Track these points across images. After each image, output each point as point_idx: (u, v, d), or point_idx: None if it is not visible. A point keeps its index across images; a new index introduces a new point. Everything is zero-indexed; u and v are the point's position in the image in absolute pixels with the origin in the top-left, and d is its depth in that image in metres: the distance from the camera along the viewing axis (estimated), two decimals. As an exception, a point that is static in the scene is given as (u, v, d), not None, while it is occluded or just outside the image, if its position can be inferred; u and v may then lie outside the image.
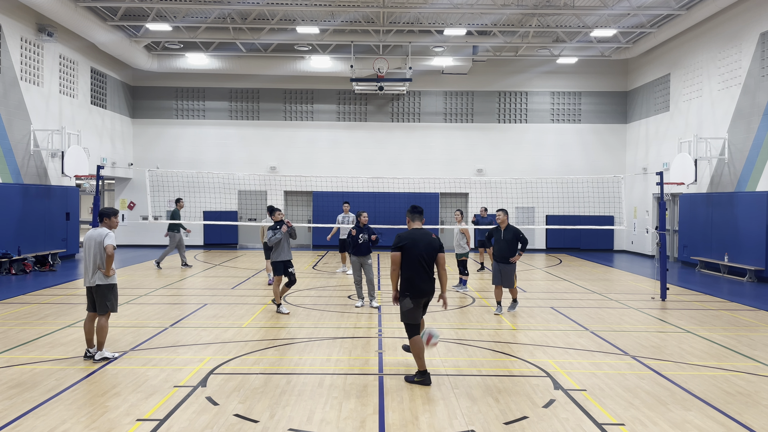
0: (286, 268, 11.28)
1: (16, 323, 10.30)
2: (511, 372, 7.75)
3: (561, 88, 25.99)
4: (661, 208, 13.51)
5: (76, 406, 6.33)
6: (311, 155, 25.89)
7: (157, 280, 15.73)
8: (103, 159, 22.79)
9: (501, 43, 22.34)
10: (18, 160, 17.61)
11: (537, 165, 25.58)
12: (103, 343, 8.07)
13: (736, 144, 17.93)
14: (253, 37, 21.94)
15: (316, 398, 6.63)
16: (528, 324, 10.62)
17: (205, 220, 23.91)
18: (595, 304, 12.82)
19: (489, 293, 13.99)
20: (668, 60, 22.22)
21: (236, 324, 10.36)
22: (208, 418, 5.99)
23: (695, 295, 14.07)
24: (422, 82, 25.66)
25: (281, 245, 11.24)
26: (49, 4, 16.98)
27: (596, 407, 6.42)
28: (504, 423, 5.97)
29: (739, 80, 17.96)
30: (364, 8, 19.34)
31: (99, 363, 7.87)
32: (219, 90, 26.03)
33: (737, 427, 5.95)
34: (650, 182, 22.30)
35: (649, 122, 23.83)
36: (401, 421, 6.00)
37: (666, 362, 8.21)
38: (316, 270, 18.23)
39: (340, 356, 8.38)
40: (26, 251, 17.36)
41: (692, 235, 19.82)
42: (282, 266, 11.26)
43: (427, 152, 25.90)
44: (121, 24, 20.69)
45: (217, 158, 25.79)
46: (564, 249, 25.46)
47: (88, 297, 8.15)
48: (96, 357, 8.01)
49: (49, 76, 19.43)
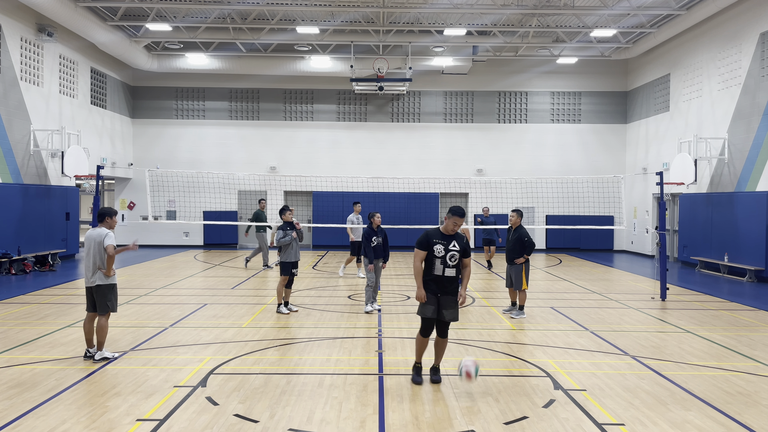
0: (293, 268, 11.32)
1: (16, 323, 10.30)
2: (511, 372, 7.75)
3: (561, 88, 25.99)
4: (661, 208, 13.51)
5: (76, 406, 6.33)
6: (311, 155, 25.89)
7: (157, 280, 15.73)
8: (103, 159, 22.78)
9: (501, 43, 22.35)
10: (18, 160, 17.61)
11: (537, 165, 25.58)
12: (103, 343, 8.06)
13: (736, 144, 17.93)
14: (253, 37, 21.94)
15: (316, 398, 6.63)
16: (528, 324, 10.62)
17: (205, 220, 23.92)
18: (595, 304, 12.82)
19: (489, 293, 13.99)
20: (668, 60, 22.22)
21: (236, 324, 10.36)
22: (208, 418, 5.99)
23: (695, 295, 14.07)
24: (422, 82, 25.66)
25: (290, 246, 11.29)
26: (49, 4, 16.98)
27: (596, 407, 6.42)
28: (504, 423, 5.96)
29: (739, 80, 17.96)
30: (364, 8, 19.34)
31: (99, 363, 7.86)
32: (219, 90, 26.03)
33: (737, 427, 5.95)
34: (650, 182, 22.29)
35: (649, 122, 23.83)
36: (401, 421, 6.00)
37: (666, 362, 8.21)
38: (316, 270, 18.22)
39: (340, 356, 8.38)
40: (26, 251, 17.36)
41: (692, 235, 19.82)
42: (290, 267, 11.28)
43: (427, 152, 25.91)
44: (121, 24, 20.69)
45: (217, 158, 25.78)
46: (564, 249, 25.46)
47: (88, 297, 8.13)
48: (96, 357, 8.00)
49: (49, 76, 19.42)
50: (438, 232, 7.16)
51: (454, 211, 7.11)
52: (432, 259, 7.04)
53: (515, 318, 11.07)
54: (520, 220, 11.33)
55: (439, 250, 7.01)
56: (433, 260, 7.04)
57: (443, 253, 7.02)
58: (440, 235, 7.13)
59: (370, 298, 11.50)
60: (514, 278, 11.13)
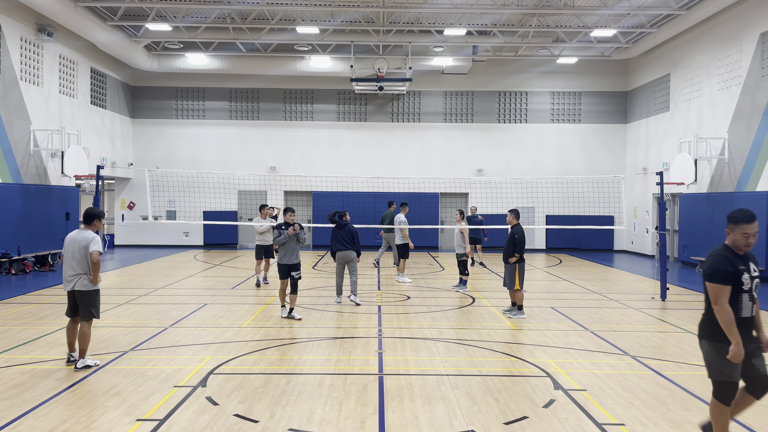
0: (290, 271, 10.74)
1: (16, 323, 10.30)
2: (511, 372, 7.74)
3: (561, 88, 25.99)
4: (661, 208, 13.51)
5: (76, 406, 6.32)
6: (311, 155, 25.89)
7: (157, 280, 15.72)
8: (103, 159, 22.78)
9: (501, 43, 22.34)
10: (18, 160, 17.60)
11: (537, 165, 25.58)
12: (85, 351, 7.66)
13: (736, 144, 17.92)
14: (253, 37, 21.94)
15: (316, 398, 6.63)
16: (528, 324, 10.62)
17: (205, 220, 23.92)
18: (595, 304, 12.82)
19: (489, 293, 13.99)
20: (668, 60, 22.22)
21: (236, 324, 10.36)
22: (208, 418, 5.99)
23: (695, 295, 14.06)
24: (422, 82, 25.66)
25: (287, 247, 10.72)
26: (49, 4, 16.97)
27: (596, 407, 6.41)
28: (504, 423, 5.96)
29: (739, 80, 17.96)
30: (364, 8, 19.34)
31: (82, 372, 7.46)
32: (219, 90, 26.03)
33: (737, 427, 5.94)
34: (650, 182, 22.29)
35: (649, 122, 23.83)
36: (401, 421, 6.00)
37: (666, 362, 8.21)
38: (316, 270, 18.23)
39: (340, 356, 8.38)
40: (26, 251, 17.36)
41: (692, 235, 19.82)
42: (286, 269, 10.71)
43: (427, 152, 25.91)
44: (121, 24, 20.69)
45: (217, 158, 25.78)
46: (564, 249, 25.45)
47: (69, 301, 7.75)
48: (78, 365, 7.57)
49: (49, 76, 19.42)
50: (731, 253, 5.00)
51: (741, 216, 4.96)
52: (738, 295, 4.92)
53: (513, 318, 11.07)
54: (516, 220, 11.30)
55: (746, 279, 4.92)
56: (739, 296, 4.92)
57: (749, 283, 4.95)
58: (736, 257, 4.98)
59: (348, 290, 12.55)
60: (507, 277, 11.14)
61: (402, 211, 16.20)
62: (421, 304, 12.42)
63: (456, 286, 14.53)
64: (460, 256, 14.23)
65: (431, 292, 14.03)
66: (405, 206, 16.39)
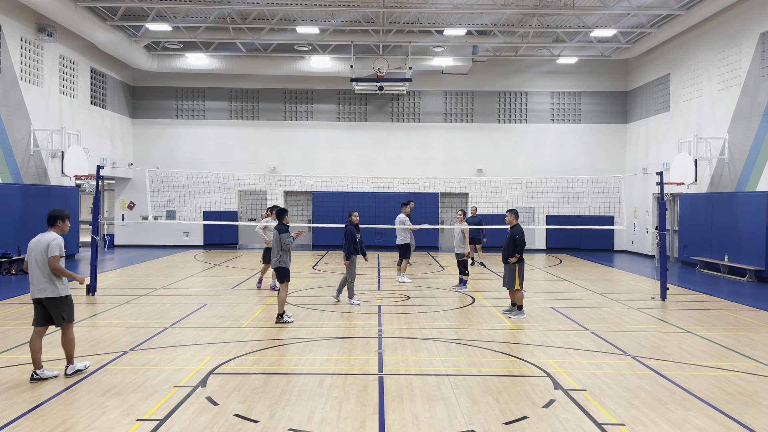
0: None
1: (16, 323, 10.30)
2: (511, 372, 7.74)
3: (561, 88, 25.99)
4: (661, 208, 13.51)
5: (76, 406, 6.32)
6: (311, 155, 25.89)
7: (157, 280, 15.72)
8: (103, 159, 22.79)
9: (501, 43, 22.34)
10: (18, 160, 17.60)
11: (537, 165, 25.58)
12: (72, 356, 7.34)
13: (736, 144, 17.92)
14: (253, 37, 21.93)
15: (316, 398, 6.63)
16: (528, 324, 10.62)
17: (205, 220, 23.91)
18: (595, 304, 12.82)
19: (489, 293, 13.99)
20: (668, 60, 22.22)
21: (236, 324, 10.36)
22: (208, 418, 5.99)
23: (695, 295, 14.07)
24: (422, 82, 25.66)
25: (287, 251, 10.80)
26: (49, 4, 16.97)
27: (596, 407, 6.41)
28: (504, 423, 5.96)
29: (739, 80, 17.96)
30: (364, 8, 19.34)
31: (73, 377, 7.24)
32: (219, 90, 26.03)
33: (737, 427, 5.95)
34: (650, 182, 22.29)
35: (649, 122, 23.83)
36: (401, 421, 6.00)
37: (666, 362, 8.21)
38: (316, 270, 18.22)
39: (340, 356, 8.38)
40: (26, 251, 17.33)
41: (692, 235, 19.82)
42: (288, 272, 10.79)
43: (427, 152, 25.91)
44: (121, 24, 20.69)
45: (217, 158, 25.78)
46: (564, 249, 25.45)
47: (37, 310, 7.24)
48: (68, 371, 7.29)
49: (49, 76, 19.42)
50: None
51: None
52: None
53: (513, 318, 11.06)
54: (516, 220, 11.30)
55: None
56: None
57: None
58: None
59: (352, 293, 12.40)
60: (507, 278, 11.14)
61: (403, 211, 16.14)
62: (421, 304, 12.42)
63: (456, 286, 14.54)
64: (460, 256, 14.24)
65: (431, 292, 14.03)
66: (405, 206, 16.26)
